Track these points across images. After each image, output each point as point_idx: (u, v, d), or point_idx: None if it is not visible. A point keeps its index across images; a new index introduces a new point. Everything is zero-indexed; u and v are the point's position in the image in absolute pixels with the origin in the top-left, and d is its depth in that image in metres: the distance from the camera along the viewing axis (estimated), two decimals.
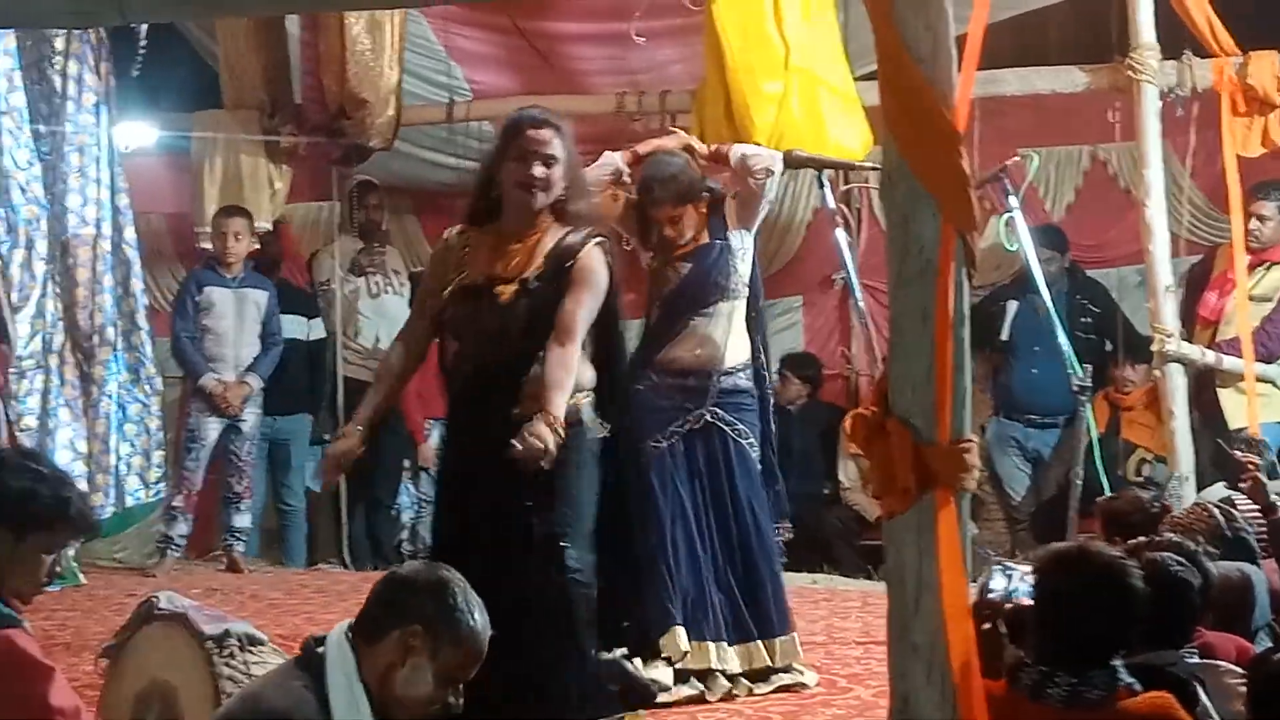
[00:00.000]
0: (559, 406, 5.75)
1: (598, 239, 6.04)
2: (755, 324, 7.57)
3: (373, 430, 6.24)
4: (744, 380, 7.41)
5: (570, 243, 6.01)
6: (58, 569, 4.69)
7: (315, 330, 11.50)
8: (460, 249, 6.18)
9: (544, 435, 5.66)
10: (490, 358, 6.00)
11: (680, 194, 7.33)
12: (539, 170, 5.99)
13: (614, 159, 7.42)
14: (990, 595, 4.97)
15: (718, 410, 7.31)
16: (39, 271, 10.15)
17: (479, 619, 4.18)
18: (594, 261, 5.99)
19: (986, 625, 4.69)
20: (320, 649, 4.17)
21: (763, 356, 7.64)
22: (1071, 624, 4.34)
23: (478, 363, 6.07)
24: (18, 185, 10.05)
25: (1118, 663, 4.34)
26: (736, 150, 7.56)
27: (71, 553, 10.12)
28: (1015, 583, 4.91)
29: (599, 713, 5.99)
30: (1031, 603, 4.58)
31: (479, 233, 6.18)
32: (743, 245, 7.42)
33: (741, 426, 7.36)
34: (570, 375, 5.84)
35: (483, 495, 5.96)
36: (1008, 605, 4.83)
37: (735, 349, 7.37)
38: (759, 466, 7.44)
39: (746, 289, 7.45)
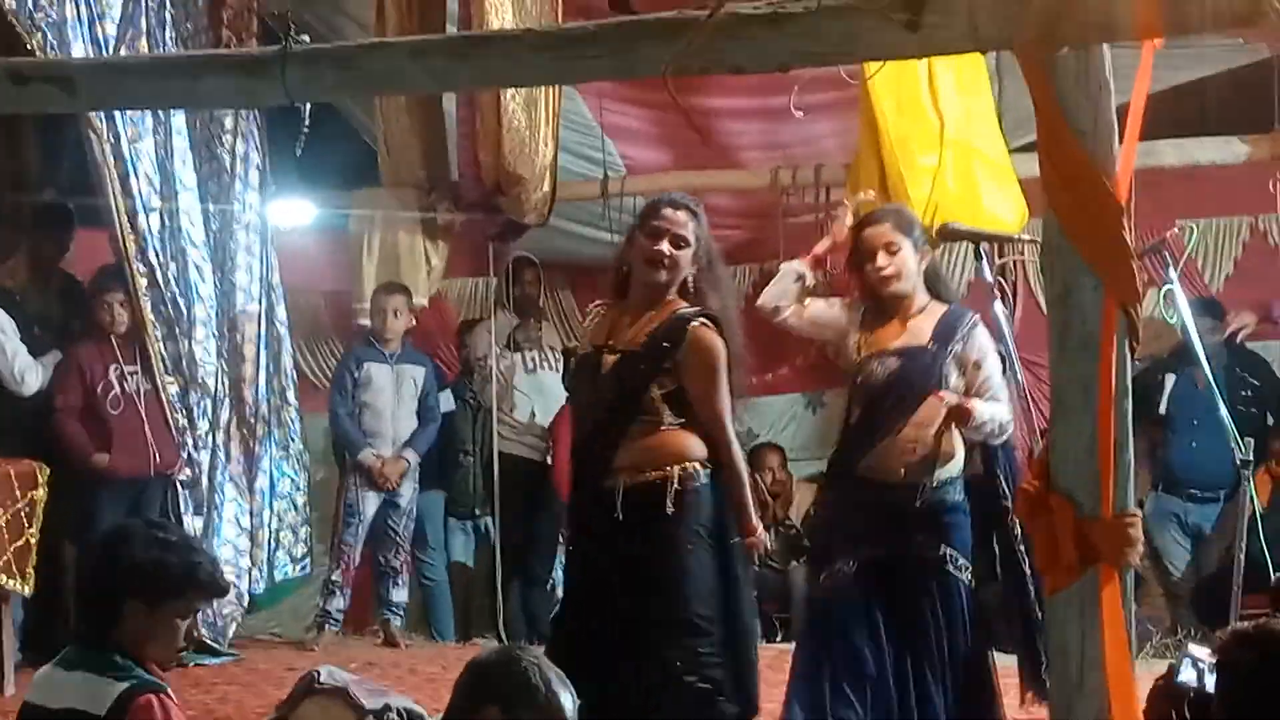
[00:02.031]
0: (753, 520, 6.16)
1: (704, 319, 6.10)
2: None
3: None
4: (956, 494, 6.61)
5: (676, 322, 6.09)
6: (195, 633, 4.76)
7: (444, 403, 11.49)
8: (594, 319, 6.38)
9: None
10: (588, 428, 6.15)
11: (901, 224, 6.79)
12: (666, 248, 6.10)
13: (793, 266, 6.81)
14: (1180, 683, 4.80)
15: (920, 535, 6.53)
16: (213, 349, 10.32)
17: (558, 692, 4.11)
18: (705, 339, 6.07)
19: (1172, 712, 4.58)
20: None
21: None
22: (1260, 705, 4.12)
23: (580, 432, 6.27)
24: (193, 264, 10.22)
25: None
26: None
27: (231, 631, 10.29)
28: (1206, 675, 4.70)
29: None
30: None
31: (613, 307, 6.32)
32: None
33: (949, 550, 6.54)
34: (740, 478, 6.13)
35: (590, 567, 6.16)
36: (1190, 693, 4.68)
37: (947, 459, 6.61)
38: (970, 587, 6.60)
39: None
